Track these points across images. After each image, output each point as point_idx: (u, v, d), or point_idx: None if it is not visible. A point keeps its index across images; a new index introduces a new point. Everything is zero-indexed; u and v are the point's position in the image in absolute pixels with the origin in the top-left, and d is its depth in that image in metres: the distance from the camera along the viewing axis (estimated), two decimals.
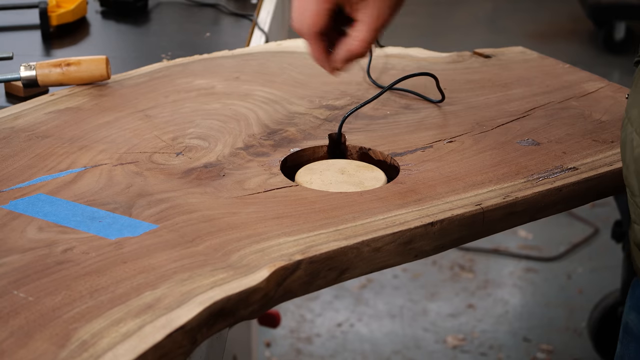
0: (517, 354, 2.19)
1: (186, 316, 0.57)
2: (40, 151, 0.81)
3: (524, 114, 0.92)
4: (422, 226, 0.70)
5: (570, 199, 0.78)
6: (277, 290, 0.63)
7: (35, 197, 0.72)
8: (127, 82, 0.98)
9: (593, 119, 0.91)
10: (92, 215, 0.70)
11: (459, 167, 0.80)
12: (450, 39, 4.43)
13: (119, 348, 0.54)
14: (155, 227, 0.68)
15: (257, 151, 0.83)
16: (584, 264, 2.57)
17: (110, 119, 0.89)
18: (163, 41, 1.24)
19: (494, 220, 0.74)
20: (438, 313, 2.33)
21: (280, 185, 0.76)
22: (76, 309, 0.57)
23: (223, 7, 1.38)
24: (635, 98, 0.71)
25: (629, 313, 0.82)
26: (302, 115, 0.91)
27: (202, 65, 1.04)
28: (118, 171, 0.78)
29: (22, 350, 0.53)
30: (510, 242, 2.65)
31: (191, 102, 0.93)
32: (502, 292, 2.43)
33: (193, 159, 0.81)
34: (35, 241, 0.66)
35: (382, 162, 0.83)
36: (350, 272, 0.68)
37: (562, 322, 2.31)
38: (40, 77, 0.95)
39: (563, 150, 0.83)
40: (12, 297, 0.58)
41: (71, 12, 1.24)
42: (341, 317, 2.31)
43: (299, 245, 0.66)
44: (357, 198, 0.74)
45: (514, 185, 0.76)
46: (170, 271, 0.62)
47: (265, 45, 1.14)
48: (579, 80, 1.02)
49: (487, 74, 1.04)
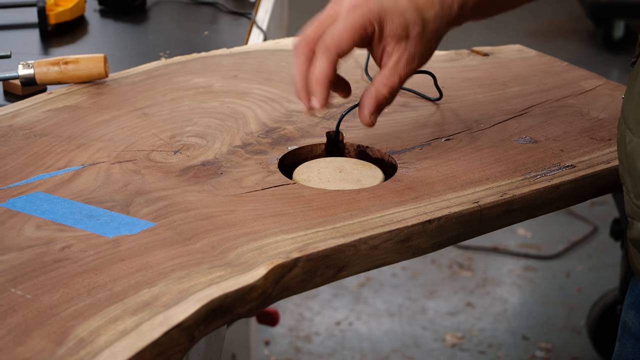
0: (515, 352, 2.19)
1: (183, 314, 0.57)
2: (38, 149, 0.81)
3: (522, 112, 0.92)
4: (419, 224, 0.70)
5: (568, 197, 0.78)
6: (275, 288, 0.63)
7: (33, 195, 0.73)
8: (125, 80, 0.98)
9: (591, 116, 0.91)
10: (90, 213, 0.70)
11: (457, 165, 0.80)
12: (449, 37, 4.40)
13: (117, 345, 0.54)
14: (152, 225, 0.68)
15: (255, 149, 0.83)
16: (583, 262, 2.57)
17: (108, 117, 0.89)
18: (161, 39, 1.24)
19: (492, 218, 0.74)
20: (437, 311, 2.33)
21: (278, 183, 0.76)
22: (74, 307, 0.57)
23: (221, 5, 1.38)
24: (630, 96, 0.72)
25: (627, 311, 0.83)
26: (300, 114, 0.91)
27: (200, 63, 1.04)
28: (116, 169, 0.78)
29: (20, 348, 0.54)
30: (509, 240, 2.65)
31: (189, 101, 0.94)
32: (501, 291, 2.43)
33: (191, 157, 0.81)
34: (33, 239, 0.66)
35: (379, 160, 0.83)
36: (348, 270, 0.68)
37: (561, 320, 2.31)
38: (38, 75, 0.95)
39: (560, 148, 0.83)
40: (10, 294, 0.59)
41: (69, 10, 1.24)
42: (340, 316, 2.31)
43: (296, 243, 0.66)
44: (355, 196, 0.74)
45: (512, 183, 0.76)
46: (167, 269, 0.62)
47: (264, 44, 1.14)
48: (576, 78, 1.02)
49: (485, 72, 1.04)
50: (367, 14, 0.75)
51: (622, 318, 0.84)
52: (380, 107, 0.79)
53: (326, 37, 0.75)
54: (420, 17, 0.76)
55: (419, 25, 0.76)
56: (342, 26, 0.75)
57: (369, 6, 0.75)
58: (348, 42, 0.75)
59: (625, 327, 0.83)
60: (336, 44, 0.74)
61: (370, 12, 0.75)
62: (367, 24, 0.75)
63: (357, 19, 0.75)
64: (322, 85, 0.75)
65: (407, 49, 0.76)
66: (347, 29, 0.75)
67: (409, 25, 0.76)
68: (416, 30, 0.76)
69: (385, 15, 0.75)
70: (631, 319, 0.82)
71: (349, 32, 0.75)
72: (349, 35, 0.75)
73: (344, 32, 0.74)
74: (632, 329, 0.82)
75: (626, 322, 0.83)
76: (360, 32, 0.75)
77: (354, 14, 0.75)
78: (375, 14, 0.75)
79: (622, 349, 0.83)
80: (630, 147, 0.70)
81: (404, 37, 0.76)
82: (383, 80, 0.77)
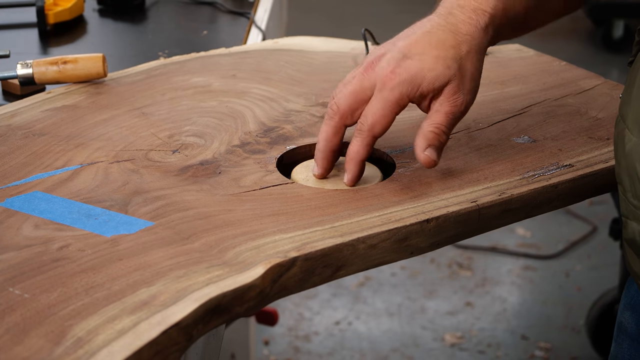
0: (515, 351, 2.19)
1: (181, 313, 0.57)
2: (36, 149, 0.81)
3: (520, 111, 0.92)
4: (417, 223, 0.70)
5: (566, 196, 0.78)
6: (273, 287, 0.63)
7: (32, 194, 0.73)
8: (124, 79, 0.98)
9: (589, 116, 0.91)
10: (88, 212, 0.70)
11: (455, 164, 0.80)
12: None
13: (114, 345, 0.54)
14: (151, 225, 0.68)
15: (253, 148, 0.83)
16: (582, 262, 2.57)
17: (106, 116, 0.89)
18: (160, 39, 1.24)
19: (490, 217, 0.74)
20: (436, 311, 2.33)
21: (276, 182, 0.76)
22: (72, 306, 0.57)
23: (220, 5, 1.38)
24: (628, 96, 0.72)
25: (623, 312, 0.83)
26: (299, 113, 0.91)
27: (199, 63, 1.04)
28: (114, 169, 0.78)
29: (18, 347, 0.54)
30: (508, 240, 2.65)
31: (188, 100, 0.94)
32: (500, 290, 2.43)
33: (189, 156, 0.81)
34: (31, 238, 0.66)
35: (378, 159, 0.83)
36: (346, 269, 0.68)
37: (560, 320, 2.31)
38: (37, 74, 0.95)
39: (559, 148, 0.83)
40: (8, 294, 0.59)
41: (68, 10, 1.24)
42: (339, 315, 2.31)
43: (294, 242, 0.66)
44: (353, 195, 0.74)
45: (510, 182, 0.76)
46: (165, 268, 0.62)
47: (262, 43, 1.14)
48: (575, 78, 1.02)
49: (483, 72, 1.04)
50: (399, 89, 0.76)
51: (618, 318, 0.84)
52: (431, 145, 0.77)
53: (362, 119, 0.76)
54: (451, 59, 0.77)
55: (453, 67, 0.76)
56: (376, 108, 0.76)
57: (399, 79, 0.76)
58: (383, 124, 0.76)
59: (621, 328, 0.83)
60: (372, 127, 0.76)
61: (401, 85, 0.76)
62: (401, 99, 0.76)
63: (390, 98, 0.76)
64: (355, 164, 0.77)
65: (449, 89, 0.77)
66: (381, 111, 0.76)
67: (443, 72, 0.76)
68: (451, 72, 0.76)
69: (416, 80, 0.76)
70: (627, 319, 0.82)
71: (384, 114, 0.76)
72: (384, 117, 0.76)
73: (378, 114, 0.76)
74: (628, 329, 0.82)
75: (622, 323, 0.83)
76: (395, 110, 0.76)
77: (386, 92, 0.76)
78: (407, 85, 0.76)
79: (619, 349, 0.83)
80: (628, 147, 0.70)
81: (443, 84, 0.76)
82: (427, 121, 0.77)
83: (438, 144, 0.77)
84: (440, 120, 0.77)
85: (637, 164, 0.69)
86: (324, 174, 0.78)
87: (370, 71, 0.77)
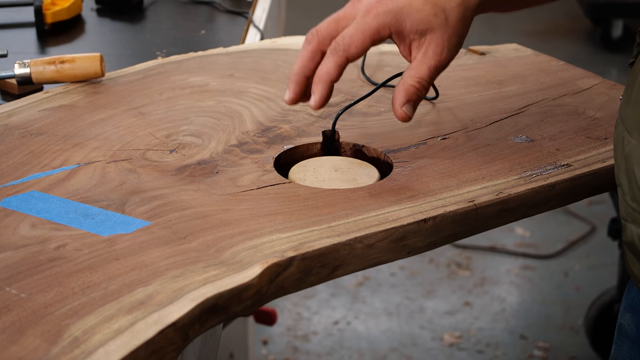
0: (513, 351, 2.19)
1: (178, 312, 0.57)
2: (33, 148, 0.81)
3: (518, 111, 0.92)
4: (415, 223, 0.70)
5: (564, 196, 0.78)
6: (270, 286, 0.63)
7: (29, 194, 0.72)
8: (122, 79, 0.98)
9: (587, 115, 0.91)
10: (85, 212, 0.70)
11: (453, 164, 0.80)
12: None
13: (111, 344, 0.54)
14: (148, 224, 0.68)
15: (251, 148, 0.83)
16: (580, 262, 2.57)
17: (104, 116, 0.89)
18: (158, 38, 1.24)
19: (487, 217, 0.74)
20: (435, 311, 2.33)
21: (274, 182, 0.76)
22: (68, 306, 0.57)
23: (218, 4, 1.38)
24: (628, 98, 0.72)
25: (623, 314, 0.82)
26: (296, 113, 0.91)
27: (196, 62, 1.04)
28: (111, 168, 0.78)
29: (14, 347, 0.54)
30: (507, 239, 2.65)
31: (185, 100, 0.93)
32: (499, 290, 2.43)
33: (186, 156, 0.81)
34: (28, 238, 0.66)
35: (375, 159, 0.83)
36: (343, 269, 0.68)
37: (558, 319, 2.31)
38: (35, 74, 0.95)
39: (556, 147, 0.83)
40: (5, 293, 0.59)
41: (66, 9, 1.24)
42: (338, 315, 2.31)
43: (291, 241, 0.66)
44: (350, 195, 0.74)
45: (507, 181, 0.76)
46: (162, 268, 0.62)
47: (260, 43, 1.14)
48: (573, 77, 1.02)
49: (481, 71, 1.04)
50: (382, 17, 0.74)
51: (618, 320, 0.84)
52: (410, 100, 0.76)
53: (339, 39, 0.74)
54: (440, 7, 0.75)
55: (440, 15, 0.75)
56: (355, 30, 0.74)
57: (384, 8, 0.74)
58: (359, 47, 0.74)
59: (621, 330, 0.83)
60: (347, 47, 0.74)
61: (385, 14, 0.74)
62: (382, 28, 0.74)
63: (371, 23, 0.74)
64: (323, 85, 0.75)
65: (433, 40, 0.75)
66: (360, 33, 0.74)
67: (429, 17, 0.75)
68: (438, 20, 0.75)
69: (401, 15, 0.74)
70: (627, 321, 0.82)
71: (361, 37, 0.74)
72: (361, 40, 0.74)
73: (356, 36, 0.74)
74: (628, 331, 0.82)
75: (622, 325, 0.83)
76: (374, 36, 0.74)
77: (368, 18, 0.74)
78: (391, 16, 0.74)
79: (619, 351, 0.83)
80: (628, 149, 0.70)
81: (427, 30, 0.75)
82: (410, 72, 0.75)
83: (416, 99, 0.75)
84: (423, 73, 0.75)
85: (635, 167, 0.68)
86: (294, 98, 0.76)
87: (357, 3, 0.76)
